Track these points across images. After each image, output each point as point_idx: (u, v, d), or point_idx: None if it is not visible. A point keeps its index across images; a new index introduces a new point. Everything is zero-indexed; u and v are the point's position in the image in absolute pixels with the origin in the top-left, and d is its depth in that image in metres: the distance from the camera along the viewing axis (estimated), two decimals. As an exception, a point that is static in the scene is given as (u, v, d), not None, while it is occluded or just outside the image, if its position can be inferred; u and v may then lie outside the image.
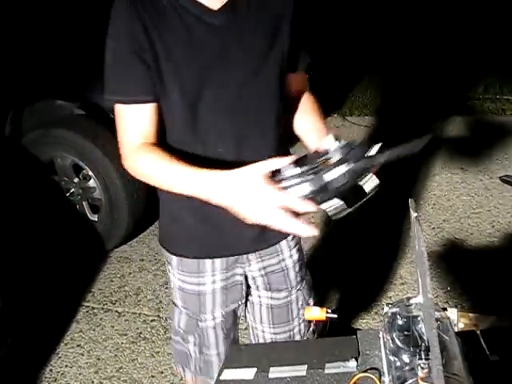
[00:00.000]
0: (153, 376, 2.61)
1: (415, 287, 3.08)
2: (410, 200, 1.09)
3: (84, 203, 3.43)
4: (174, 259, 1.57)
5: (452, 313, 1.40)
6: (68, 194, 3.42)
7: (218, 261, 1.54)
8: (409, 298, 1.23)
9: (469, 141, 4.30)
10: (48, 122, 3.37)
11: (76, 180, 3.39)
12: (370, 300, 2.95)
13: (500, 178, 2.40)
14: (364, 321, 2.83)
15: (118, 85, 1.35)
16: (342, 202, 1.16)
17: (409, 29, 5.99)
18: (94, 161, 3.26)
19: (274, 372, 1.22)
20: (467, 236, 3.36)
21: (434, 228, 3.41)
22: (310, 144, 1.39)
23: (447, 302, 2.82)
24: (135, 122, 1.35)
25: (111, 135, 3.02)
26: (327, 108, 4.44)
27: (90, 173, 3.30)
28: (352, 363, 1.24)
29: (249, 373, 1.23)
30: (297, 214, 1.15)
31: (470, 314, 1.36)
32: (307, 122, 1.49)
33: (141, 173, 1.37)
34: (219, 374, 1.26)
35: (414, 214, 1.08)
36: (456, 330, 1.29)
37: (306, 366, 1.23)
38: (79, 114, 3.35)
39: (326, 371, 1.21)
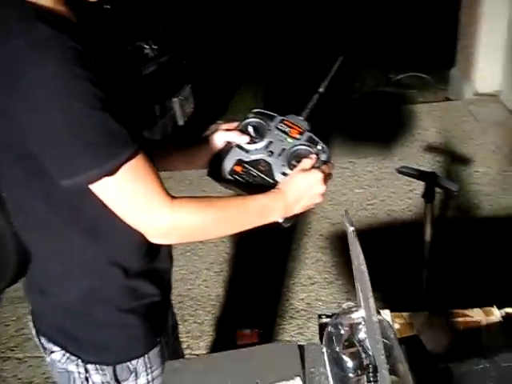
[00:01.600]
0: (67, 423, 2.41)
1: (325, 286, 3.10)
2: (345, 211, 1.05)
3: (-35, 244, 3.12)
4: (140, 363, 1.29)
5: (385, 314, 1.38)
6: None
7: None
8: (348, 308, 1.18)
9: (354, 135, 4.41)
10: None
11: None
12: (282, 304, 2.92)
13: (397, 169, 2.44)
14: (280, 327, 2.79)
15: (117, 140, 1.03)
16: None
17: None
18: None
19: None
20: (366, 227, 3.42)
21: (334, 224, 3.45)
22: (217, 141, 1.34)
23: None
24: (153, 172, 1.10)
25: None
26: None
27: (-32, 211, 3.02)
28: (297, 383, 1.18)
29: None
30: None
31: (404, 314, 1.35)
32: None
33: (194, 221, 1.13)
34: None
35: (350, 228, 1.03)
36: (395, 332, 1.27)
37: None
38: None
39: None
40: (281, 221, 1.24)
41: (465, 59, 4.82)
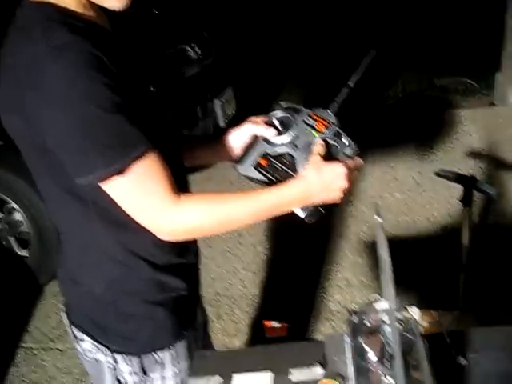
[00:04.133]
0: (104, 413, 2.47)
1: (361, 288, 3.10)
2: (375, 204, 1.07)
3: (11, 239, 3.24)
4: (167, 355, 1.32)
5: (414, 312, 1.38)
6: (-7, 231, 3.23)
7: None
8: (375, 301, 1.20)
9: (395, 139, 4.37)
10: (-36, 157, 3.18)
11: (0, 215, 3.20)
12: (318, 305, 2.93)
13: (435, 172, 2.42)
14: (315, 327, 2.80)
15: (128, 141, 1.08)
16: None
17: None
18: (18, 193, 3.08)
19: (239, 380, 1.18)
20: (405, 232, 3.40)
21: (372, 227, 3.43)
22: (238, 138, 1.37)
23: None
24: (162, 171, 1.12)
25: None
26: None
27: (15, 206, 3.13)
28: (317, 369, 1.20)
29: (213, 381, 1.19)
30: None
31: (433, 312, 1.35)
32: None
33: (197, 219, 1.15)
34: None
35: (377, 219, 1.05)
36: (421, 328, 1.27)
37: (271, 372, 1.19)
38: (-3, 146, 3.18)
39: (293, 379, 1.18)
40: (303, 216, 1.24)
41: (510, 64, 4.72)
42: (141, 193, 1.12)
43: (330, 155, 1.26)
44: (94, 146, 1.06)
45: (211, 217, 1.17)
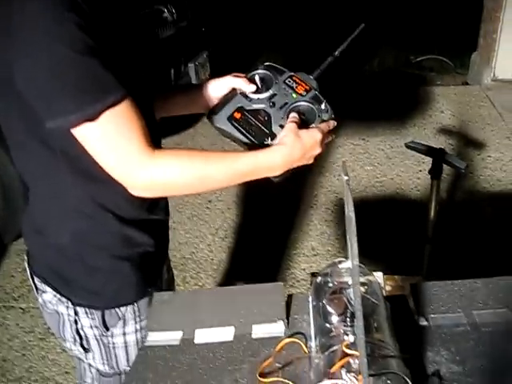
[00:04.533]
0: (66, 372, 2.46)
1: (327, 257, 3.11)
2: (342, 162, 1.06)
3: (-25, 197, 3.17)
4: (129, 311, 1.31)
5: (378, 276, 1.39)
6: (-44, 187, 3.15)
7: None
8: (340, 262, 1.20)
9: (369, 112, 4.39)
10: None
11: (-36, 172, 3.12)
12: (283, 273, 2.95)
13: (405, 144, 2.43)
14: (280, 295, 2.82)
15: (102, 86, 1.02)
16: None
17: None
18: (-17, 149, 3.01)
19: (200, 336, 1.17)
20: (373, 204, 3.43)
21: (340, 198, 3.45)
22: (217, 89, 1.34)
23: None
24: (137, 120, 1.07)
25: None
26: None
27: (-20, 163, 3.05)
28: (280, 327, 1.21)
29: (174, 336, 1.17)
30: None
31: (396, 276, 1.36)
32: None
33: (173, 175, 1.10)
34: (144, 338, 1.19)
35: (344, 178, 1.04)
36: (384, 292, 1.28)
37: (233, 328, 1.19)
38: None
39: (254, 336, 1.18)
40: (270, 175, 1.22)
41: (487, 44, 4.76)
42: (114, 142, 1.06)
43: (306, 119, 1.26)
44: (65, 88, 1.01)
45: (188, 175, 1.12)
